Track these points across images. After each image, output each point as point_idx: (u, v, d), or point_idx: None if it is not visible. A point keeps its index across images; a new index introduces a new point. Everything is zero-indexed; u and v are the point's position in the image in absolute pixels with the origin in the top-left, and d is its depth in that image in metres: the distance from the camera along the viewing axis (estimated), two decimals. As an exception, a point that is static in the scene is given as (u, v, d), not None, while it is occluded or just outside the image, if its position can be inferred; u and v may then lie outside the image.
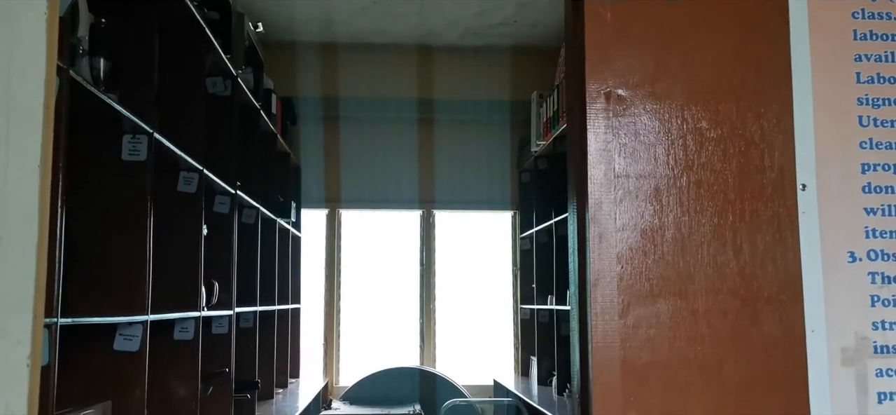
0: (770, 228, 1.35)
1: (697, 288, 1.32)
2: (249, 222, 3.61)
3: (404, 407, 4.72)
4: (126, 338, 2.17)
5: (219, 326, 3.13)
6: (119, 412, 2.13)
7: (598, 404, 1.26)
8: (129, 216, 2.19)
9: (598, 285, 1.31)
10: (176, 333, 2.65)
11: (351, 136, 5.21)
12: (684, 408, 1.27)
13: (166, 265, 2.53)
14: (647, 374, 1.28)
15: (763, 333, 1.31)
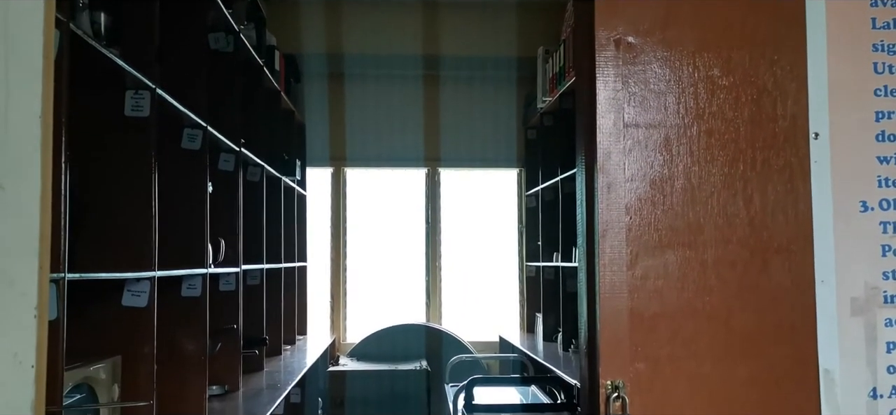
0: (781, 177, 1.33)
1: (707, 239, 1.31)
2: (254, 180, 3.60)
3: (410, 363, 4.76)
4: (134, 294, 2.18)
5: (226, 283, 3.14)
6: (129, 367, 2.14)
7: (606, 355, 1.26)
8: (135, 173, 2.18)
9: (606, 236, 1.30)
10: (184, 290, 2.66)
11: (355, 93, 5.17)
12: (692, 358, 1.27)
13: (173, 223, 2.53)
14: (655, 324, 1.28)
15: (772, 283, 1.31)
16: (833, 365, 1.30)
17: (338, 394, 4.51)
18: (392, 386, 4.52)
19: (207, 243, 2.73)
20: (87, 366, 1.92)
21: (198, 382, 2.64)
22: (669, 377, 1.27)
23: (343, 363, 4.81)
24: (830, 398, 1.31)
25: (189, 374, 2.64)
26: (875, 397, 1.31)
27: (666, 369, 1.27)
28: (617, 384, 1.25)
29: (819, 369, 1.30)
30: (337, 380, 4.53)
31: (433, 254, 5.36)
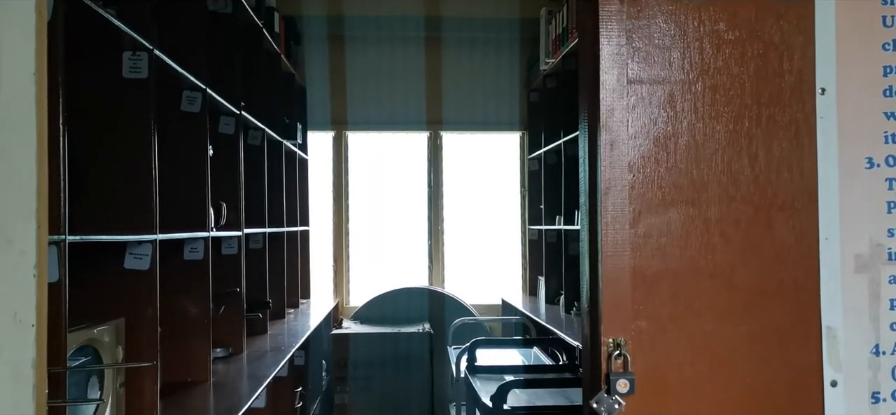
0: (787, 134, 1.32)
1: (710, 196, 1.30)
2: (255, 144, 3.59)
3: (413, 326, 4.79)
4: (136, 257, 2.18)
5: (228, 247, 3.15)
6: (132, 330, 2.15)
7: (608, 313, 1.26)
8: (134, 136, 2.17)
9: (608, 194, 1.29)
10: (186, 253, 2.67)
11: (356, 56, 5.12)
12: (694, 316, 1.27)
13: (173, 186, 2.52)
14: (658, 283, 1.27)
15: (776, 240, 1.30)
16: (836, 322, 1.30)
17: (341, 356, 4.54)
18: (395, 348, 4.56)
19: (209, 207, 2.73)
20: (91, 328, 1.93)
21: (202, 344, 2.65)
22: (671, 335, 1.27)
23: (346, 326, 4.84)
24: (832, 355, 1.31)
25: (193, 336, 2.66)
26: (877, 353, 1.31)
27: (668, 327, 1.27)
28: (618, 342, 1.25)
29: (821, 327, 1.30)
30: (340, 343, 4.56)
31: (435, 218, 5.36)
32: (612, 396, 1.24)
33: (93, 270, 2.15)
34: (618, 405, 1.25)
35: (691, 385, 1.29)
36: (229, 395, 2.48)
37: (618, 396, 1.24)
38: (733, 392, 1.31)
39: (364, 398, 4.52)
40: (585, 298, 1.35)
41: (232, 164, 3.12)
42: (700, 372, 1.29)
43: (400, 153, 5.43)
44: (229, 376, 2.76)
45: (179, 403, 2.38)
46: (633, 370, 1.26)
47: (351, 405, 4.51)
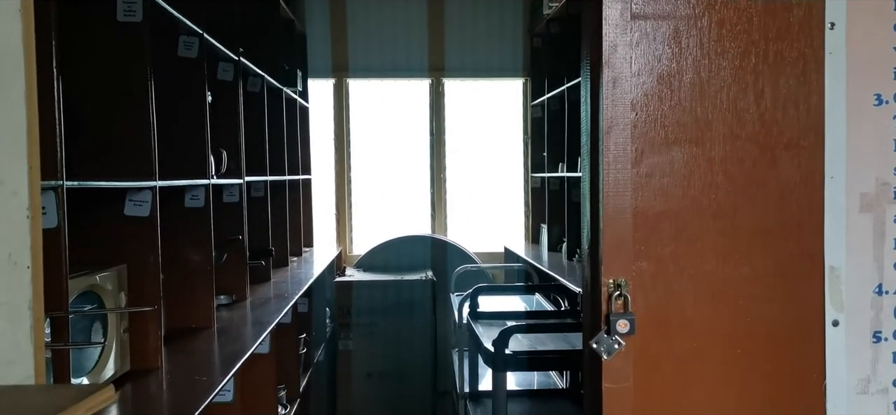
0: (794, 70, 1.28)
1: (715, 134, 1.27)
2: (255, 91, 3.54)
3: (416, 274, 4.82)
4: (135, 203, 2.17)
5: (229, 195, 3.14)
6: (134, 277, 2.16)
7: (609, 254, 1.25)
8: (130, 80, 2.14)
9: (610, 133, 1.27)
10: (187, 200, 2.66)
11: (357, 1, 5.03)
12: (696, 256, 1.26)
13: (172, 133, 2.50)
14: (660, 223, 1.26)
15: (780, 179, 1.28)
16: (839, 262, 1.29)
17: (345, 304, 4.58)
18: (398, 296, 4.59)
19: (209, 154, 2.71)
20: (93, 274, 1.93)
21: (205, 291, 2.66)
22: (672, 275, 1.27)
23: (349, 274, 4.87)
24: (835, 295, 1.30)
25: (196, 284, 2.67)
26: (881, 293, 1.31)
27: (669, 268, 1.26)
28: (619, 283, 1.25)
29: (824, 267, 1.29)
30: (343, 290, 4.59)
31: (438, 166, 5.34)
32: (612, 336, 1.24)
33: (93, 216, 2.14)
34: (618, 345, 1.25)
35: (692, 325, 1.29)
36: (233, 340, 2.50)
37: (618, 336, 1.24)
38: (735, 332, 1.31)
39: (368, 345, 4.57)
40: (586, 238, 1.33)
41: (231, 111, 3.09)
42: (701, 312, 1.29)
43: (402, 101, 5.38)
44: (233, 322, 2.78)
45: (184, 348, 2.40)
46: (633, 311, 1.26)
47: (355, 352, 4.56)
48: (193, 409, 1.77)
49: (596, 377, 1.28)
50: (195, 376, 2.08)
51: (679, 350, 1.28)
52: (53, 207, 1.63)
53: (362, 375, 4.56)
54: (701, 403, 1.30)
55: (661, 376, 1.28)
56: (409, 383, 4.58)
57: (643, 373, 1.27)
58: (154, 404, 1.91)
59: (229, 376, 2.10)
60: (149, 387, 2.01)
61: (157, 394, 1.98)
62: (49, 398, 0.87)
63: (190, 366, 2.19)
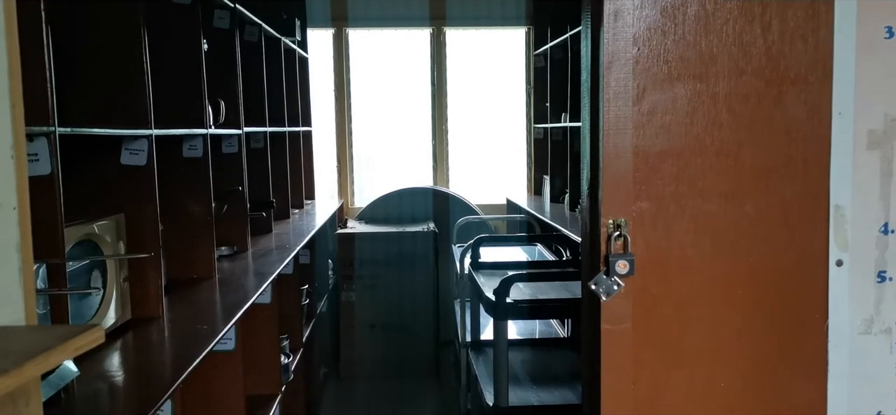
0: (802, 1, 1.24)
1: (719, 70, 1.24)
2: (252, 40, 3.49)
3: (418, 225, 4.81)
4: (132, 152, 2.15)
5: (228, 145, 3.11)
6: (133, 226, 2.15)
7: (608, 193, 1.23)
8: (123, 27, 2.09)
9: (611, 69, 1.23)
10: (185, 151, 2.63)
11: (355, -52, 4.92)
12: (698, 195, 1.23)
13: (168, 82, 2.46)
14: (661, 162, 1.23)
15: (786, 116, 1.24)
16: (844, 200, 1.26)
17: (347, 256, 4.58)
18: (399, 247, 4.59)
19: (205, 103, 2.67)
20: (90, 223, 1.91)
21: (205, 242, 2.66)
22: (673, 215, 1.24)
23: (351, 226, 4.86)
24: (839, 234, 1.27)
25: (196, 235, 2.66)
26: (886, 231, 1.28)
27: (670, 207, 1.24)
28: (619, 223, 1.22)
29: (829, 205, 1.27)
30: (345, 242, 4.59)
31: (439, 117, 5.29)
32: (611, 277, 1.22)
33: (90, 166, 2.12)
34: (616, 286, 1.23)
35: (693, 266, 1.27)
36: (234, 290, 2.49)
37: (617, 277, 1.22)
38: (736, 273, 1.29)
39: (370, 296, 4.59)
40: (586, 179, 1.31)
41: (228, 59, 3.04)
42: (702, 253, 1.27)
43: (402, 51, 5.31)
44: (234, 273, 2.78)
45: (185, 297, 2.40)
46: (633, 252, 1.24)
47: (357, 303, 4.58)
48: (195, 356, 1.78)
49: (595, 319, 1.26)
50: (197, 325, 2.09)
51: (679, 291, 1.27)
52: (46, 153, 1.60)
53: (365, 325, 4.59)
54: (700, 344, 1.29)
55: (661, 317, 1.27)
56: (412, 333, 4.61)
57: (642, 314, 1.26)
58: (155, 351, 1.92)
59: (231, 325, 2.10)
60: (150, 335, 2.02)
61: (159, 342, 1.98)
62: (36, 338, 0.86)
63: (191, 315, 2.20)
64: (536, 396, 2.93)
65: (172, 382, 1.59)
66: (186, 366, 1.70)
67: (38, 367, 0.77)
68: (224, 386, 2.29)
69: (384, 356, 4.60)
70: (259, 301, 2.67)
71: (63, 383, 1.48)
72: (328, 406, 4.24)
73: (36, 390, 0.92)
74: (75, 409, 1.48)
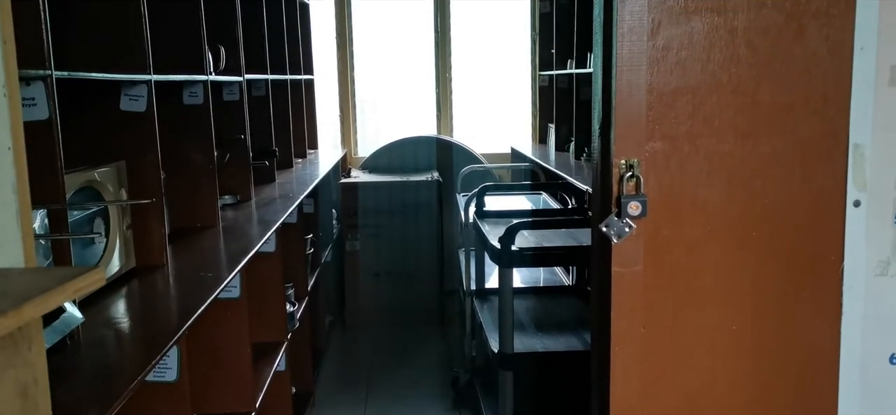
0: (826, -71, 1.18)
1: (738, 2, 1.19)
2: (252, -15, 3.41)
3: (422, 175, 4.78)
4: (131, 98, 2.11)
5: (230, 93, 3.06)
6: (134, 174, 2.12)
7: (621, 133, 1.19)
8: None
9: (625, 1, 1.18)
10: (185, 97, 2.59)
11: None
12: (713, 135, 1.20)
13: (166, 27, 2.41)
14: (675, 100, 1.19)
15: (807, 51, 1.20)
16: (864, 139, 1.22)
17: (351, 205, 4.57)
18: (404, 197, 4.57)
19: (205, 49, 2.62)
20: (91, 169, 1.89)
21: (208, 190, 2.63)
22: (687, 155, 1.21)
23: (355, 176, 4.84)
24: (858, 174, 1.24)
25: (199, 183, 2.63)
26: (906, 171, 1.25)
27: (684, 147, 1.20)
28: (631, 163, 1.19)
29: (848, 144, 1.23)
30: (349, 192, 4.56)
31: (443, 65, 5.21)
32: (622, 219, 1.19)
33: (89, 112, 2.09)
34: (628, 228, 1.20)
35: (706, 207, 1.24)
36: (238, 238, 2.48)
37: (628, 219, 1.20)
38: (750, 214, 1.26)
39: (374, 245, 4.58)
40: (597, 118, 1.27)
41: (228, 4, 2.98)
42: (716, 193, 1.24)
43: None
44: (238, 221, 2.76)
45: (189, 246, 2.39)
46: (645, 192, 1.21)
47: (362, 252, 4.58)
48: (200, 303, 1.77)
49: (605, 262, 1.24)
50: (201, 273, 2.07)
51: (691, 233, 1.24)
52: (43, 97, 1.57)
53: (369, 275, 4.60)
54: (712, 286, 1.27)
55: (672, 259, 1.25)
56: (416, 282, 4.62)
57: (653, 256, 1.23)
58: (161, 298, 1.91)
59: (236, 272, 2.09)
60: (155, 282, 2.01)
61: (164, 289, 1.97)
62: (36, 279, 0.84)
63: (196, 263, 2.18)
64: (541, 343, 2.94)
65: (178, 328, 1.59)
66: (192, 313, 1.69)
67: (38, 308, 0.75)
68: (230, 333, 2.30)
69: (389, 305, 4.62)
70: (263, 250, 2.66)
71: (68, 329, 1.47)
72: (334, 354, 4.28)
73: (38, 335, 0.91)
74: (81, 355, 1.48)
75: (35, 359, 0.90)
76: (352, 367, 4.09)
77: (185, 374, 1.67)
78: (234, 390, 2.30)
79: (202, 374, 2.23)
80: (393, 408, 3.54)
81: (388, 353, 4.25)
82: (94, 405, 1.22)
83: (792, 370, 1.31)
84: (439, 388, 3.74)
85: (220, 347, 2.30)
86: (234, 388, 2.30)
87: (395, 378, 3.88)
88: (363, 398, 3.65)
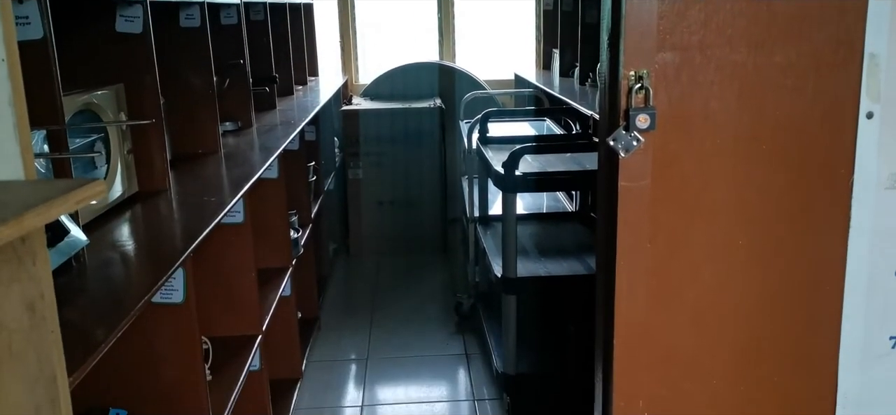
0: None
1: None
2: None
3: (424, 101, 4.72)
4: (127, 19, 2.06)
5: (227, 16, 3.00)
6: (133, 98, 2.09)
7: (630, 43, 1.16)
8: None
9: None
10: (182, 20, 2.54)
11: None
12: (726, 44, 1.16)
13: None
14: (688, 8, 1.15)
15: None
16: (880, 48, 1.19)
17: (352, 133, 4.53)
18: (405, 124, 4.53)
19: (200, -31, 2.55)
20: (89, 91, 1.86)
21: (209, 116, 2.61)
22: (698, 66, 1.18)
23: (356, 103, 4.79)
24: (872, 85, 1.21)
25: (199, 109, 2.61)
26: (922, 81, 1.22)
27: (696, 58, 1.17)
28: (640, 75, 1.16)
29: (864, 53, 1.20)
30: (351, 119, 4.52)
31: (445, -12, 5.09)
32: (630, 132, 1.17)
33: (85, 34, 2.05)
34: (636, 142, 1.18)
35: (717, 119, 1.22)
36: (241, 164, 2.47)
37: (637, 132, 1.18)
38: (761, 126, 1.24)
39: (376, 174, 4.57)
40: (606, 28, 1.23)
41: (222, -77, 2.88)
42: (727, 106, 1.21)
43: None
44: (239, 148, 2.75)
45: (191, 171, 2.38)
46: (655, 105, 1.18)
47: (364, 180, 4.57)
48: (204, 227, 1.76)
49: (612, 177, 1.23)
50: (204, 198, 2.07)
51: (700, 146, 1.22)
52: (37, 15, 1.53)
53: (372, 202, 4.60)
54: (721, 200, 1.25)
55: (681, 173, 1.23)
56: (419, 210, 4.62)
57: (661, 170, 1.22)
58: (165, 222, 1.91)
59: (239, 197, 2.08)
60: (158, 207, 2.00)
61: (167, 214, 1.97)
62: (36, 191, 0.82)
63: (198, 188, 2.18)
64: (544, 267, 2.96)
65: (183, 250, 1.59)
66: (196, 236, 1.69)
67: (39, 218, 0.74)
68: (235, 258, 2.31)
69: (392, 233, 4.63)
70: (266, 176, 2.65)
71: (73, 251, 1.48)
72: (338, 281, 4.32)
73: (42, 249, 0.90)
74: (87, 277, 1.48)
75: (40, 274, 0.90)
76: (356, 293, 4.14)
77: (192, 296, 1.68)
78: (241, 313, 2.33)
79: (209, 298, 2.26)
80: (397, 332, 3.59)
81: (391, 280, 4.29)
82: (101, 324, 1.23)
83: (798, 284, 1.31)
84: (443, 313, 3.79)
85: (226, 271, 2.31)
86: (240, 311, 2.33)
87: (399, 304, 3.93)
88: (368, 323, 3.70)
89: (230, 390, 1.99)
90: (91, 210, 1.80)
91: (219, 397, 1.92)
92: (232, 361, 2.15)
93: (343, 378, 3.20)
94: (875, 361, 1.36)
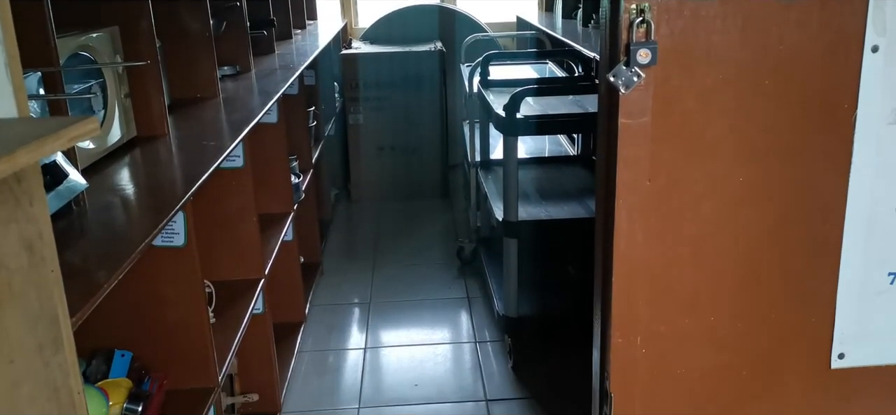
0: None
1: None
2: None
3: (424, 45, 4.66)
4: (119, -40, 2.02)
5: (222, -43, 2.94)
6: (128, 41, 2.06)
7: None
8: None
9: None
10: (175, -39, 2.49)
11: None
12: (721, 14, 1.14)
13: None
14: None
15: None
16: (888, -22, 1.16)
17: (352, 77, 4.49)
18: (405, 68, 4.47)
19: None
20: (84, 33, 1.84)
21: (206, 60, 2.58)
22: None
23: (356, 47, 4.73)
24: (877, 17, 1.19)
25: (197, 53, 2.58)
26: (929, 13, 1.19)
27: (699, -9, 1.15)
28: (642, 8, 1.14)
29: (871, -14, 1.17)
30: (350, 63, 4.47)
31: (444, -72, 4.98)
32: (631, 67, 1.16)
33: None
34: (637, 78, 1.17)
35: (719, 54, 1.20)
36: (240, 108, 2.45)
37: (637, 67, 1.16)
38: (764, 61, 1.22)
39: (377, 118, 4.54)
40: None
41: None
42: (730, 40, 1.19)
43: None
44: (238, 92, 2.72)
45: (190, 115, 2.37)
46: (656, 39, 1.16)
47: (364, 126, 4.55)
48: (204, 170, 1.76)
49: (613, 113, 1.21)
50: (204, 142, 2.06)
51: (702, 82, 1.21)
52: (26, -44, 1.50)
53: (373, 148, 4.59)
54: (722, 137, 1.24)
55: (682, 109, 1.22)
56: (419, 155, 4.61)
57: (662, 107, 1.20)
58: (164, 166, 1.90)
59: (238, 141, 2.07)
60: (158, 151, 2.00)
61: (167, 158, 1.97)
62: (29, 128, 0.82)
63: (198, 132, 2.17)
64: (545, 211, 2.96)
65: (184, 194, 1.59)
66: (196, 179, 1.69)
67: (32, 154, 0.74)
68: (236, 203, 2.31)
69: (393, 179, 4.63)
70: (265, 120, 2.64)
71: (72, 195, 1.47)
72: (340, 226, 4.34)
73: (39, 189, 0.90)
74: (87, 220, 1.48)
75: (37, 214, 0.90)
76: (358, 239, 4.16)
77: (193, 239, 1.69)
78: (243, 257, 2.34)
79: (211, 242, 2.27)
80: (400, 276, 3.62)
81: (393, 225, 4.30)
82: (103, 266, 1.23)
83: (798, 219, 1.31)
84: (444, 257, 3.81)
85: (228, 216, 2.32)
86: (242, 255, 2.34)
87: (401, 249, 3.95)
88: (370, 268, 3.73)
89: (234, 331, 2.01)
90: (90, 154, 1.79)
91: (223, 339, 1.95)
92: (235, 304, 2.18)
93: (346, 321, 3.24)
94: (874, 297, 1.36)
